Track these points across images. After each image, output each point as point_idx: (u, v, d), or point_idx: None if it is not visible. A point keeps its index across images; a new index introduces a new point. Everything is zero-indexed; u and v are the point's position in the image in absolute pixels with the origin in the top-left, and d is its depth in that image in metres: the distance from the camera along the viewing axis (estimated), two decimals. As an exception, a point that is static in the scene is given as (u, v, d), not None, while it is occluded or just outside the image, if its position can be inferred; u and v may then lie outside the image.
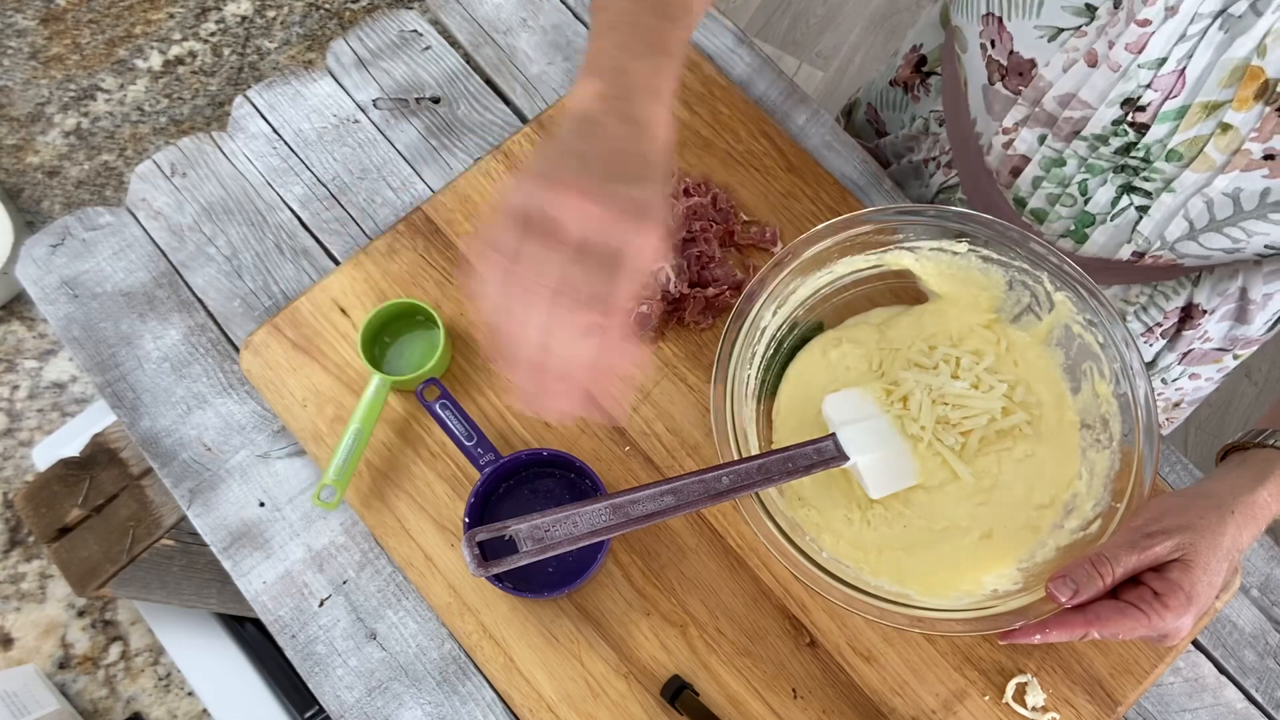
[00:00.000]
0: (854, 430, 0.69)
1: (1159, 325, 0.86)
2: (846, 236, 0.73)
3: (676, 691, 0.75)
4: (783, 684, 0.77)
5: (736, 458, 0.69)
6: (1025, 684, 0.76)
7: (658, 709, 0.76)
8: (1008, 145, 0.76)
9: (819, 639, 0.78)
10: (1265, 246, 0.70)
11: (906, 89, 0.96)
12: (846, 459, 0.67)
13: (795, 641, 0.78)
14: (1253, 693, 0.79)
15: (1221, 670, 0.80)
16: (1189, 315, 0.85)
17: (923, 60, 0.93)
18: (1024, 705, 0.76)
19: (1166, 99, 0.64)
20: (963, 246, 0.74)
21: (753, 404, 0.74)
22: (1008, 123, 0.75)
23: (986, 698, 0.76)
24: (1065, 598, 0.61)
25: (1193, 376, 0.94)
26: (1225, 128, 0.63)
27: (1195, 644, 0.81)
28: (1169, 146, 0.66)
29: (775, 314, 0.74)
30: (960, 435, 0.74)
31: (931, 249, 0.75)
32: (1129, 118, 0.67)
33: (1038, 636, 0.62)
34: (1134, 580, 0.62)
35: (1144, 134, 0.67)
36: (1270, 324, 0.88)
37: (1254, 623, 0.81)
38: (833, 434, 0.68)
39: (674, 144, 0.56)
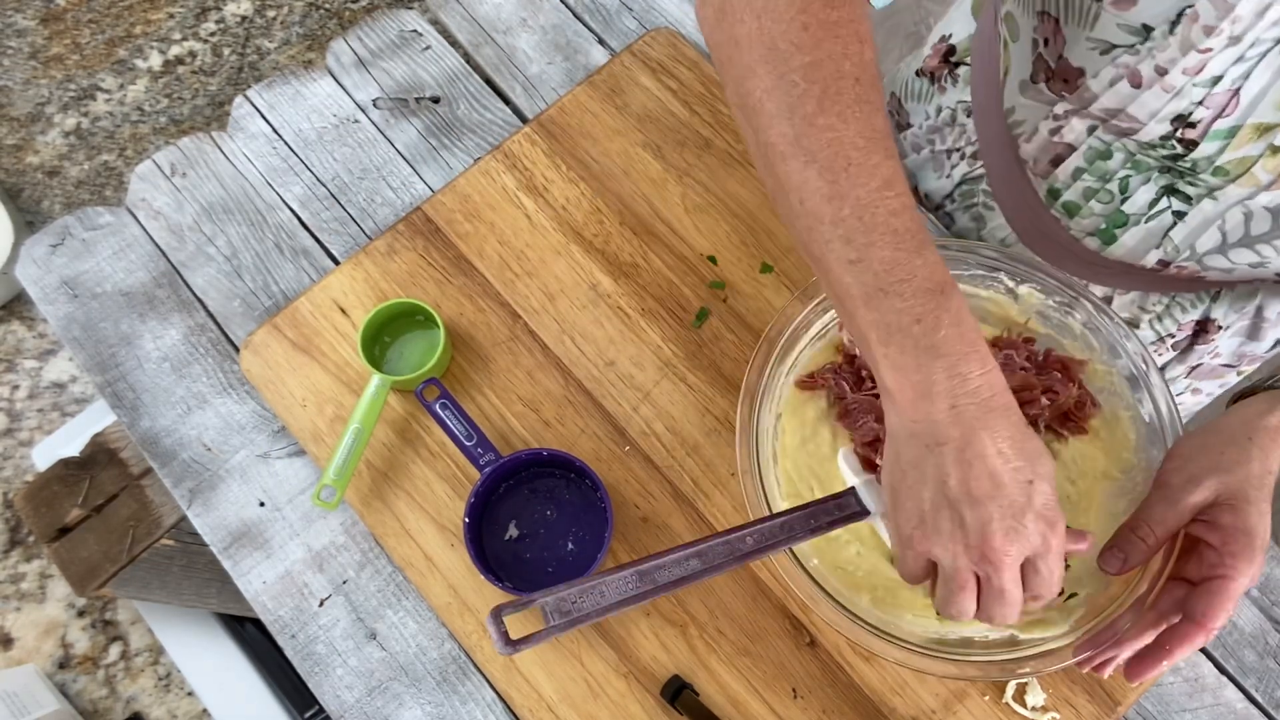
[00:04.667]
0: (874, 483, 0.69)
1: (1172, 336, 0.85)
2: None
3: (676, 691, 0.75)
4: (783, 684, 0.77)
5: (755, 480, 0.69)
6: (1025, 684, 0.76)
7: (658, 709, 0.76)
8: (1055, 132, 0.75)
9: (819, 639, 0.78)
10: None
11: (933, 79, 0.95)
12: (868, 513, 0.66)
13: (795, 641, 0.78)
14: (1253, 693, 0.79)
15: (1221, 670, 0.80)
16: (1204, 330, 0.84)
17: (951, 50, 0.92)
18: (1024, 705, 0.76)
19: (1218, 117, 0.63)
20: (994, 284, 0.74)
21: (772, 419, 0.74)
22: (1058, 110, 0.73)
23: (986, 698, 0.76)
24: (1115, 568, 0.61)
25: (1194, 391, 0.93)
26: (1275, 150, 0.63)
27: (1195, 644, 0.81)
28: (1216, 163, 0.66)
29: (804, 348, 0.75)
30: None
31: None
32: (1178, 133, 0.66)
33: (1164, 663, 0.61)
34: (1193, 556, 0.62)
35: (1192, 150, 0.66)
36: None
37: (1254, 623, 0.81)
38: (851, 487, 0.67)
39: (1000, 375, 0.55)
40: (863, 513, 0.66)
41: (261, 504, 0.83)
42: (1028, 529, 0.54)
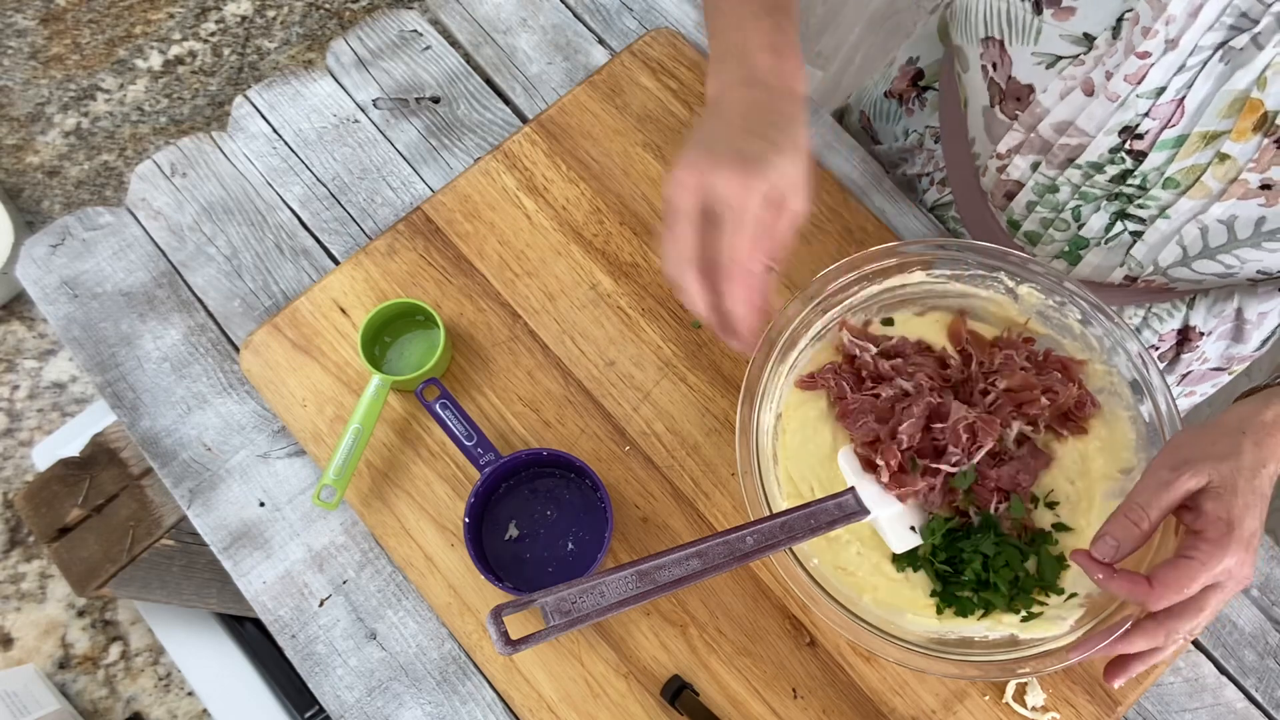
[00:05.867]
0: (874, 483, 0.69)
1: (1155, 349, 0.86)
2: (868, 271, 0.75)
3: (676, 691, 0.75)
4: (783, 684, 0.77)
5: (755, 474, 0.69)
6: (1025, 684, 0.76)
7: (658, 709, 0.76)
8: (1001, 170, 0.76)
9: (819, 639, 0.78)
10: (1258, 272, 0.70)
11: (901, 101, 0.95)
12: (868, 512, 0.66)
13: (795, 641, 0.78)
14: (1253, 693, 0.79)
15: (1221, 670, 0.80)
16: (1186, 338, 0.85)
17: (920, 74, 0.93)
18: (1024, 705, 0.76)
19: (1165, 128, 0.64)
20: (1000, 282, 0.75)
21: (771, 418, 0.74)
22: (1001, 148, 0.75)
23: (986, 697, 0.76)
24: (1108, 554, 0.60)
25: (1189, 394, 0.94)
26: (1223, 157, 0.63)
27: (1195, 644, 0.81)
28: (1166, 174, 0.66)
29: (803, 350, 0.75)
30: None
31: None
32: (1126, 145, 0.67)
33: (1099, 574, 0.59)
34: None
35: (1141, 161, 0.67)
36: (1266, 340, 0.88)
37: (1254, 623, 0.81)
38: (851, 487, 0.67)
39: (803, 83, 0.67)
40: (862, 512, 0.66)
41: (261, 504, 0.83)
42: (728, 173, 0.60)
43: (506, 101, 0.96)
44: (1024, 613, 0.69)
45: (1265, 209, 0.65)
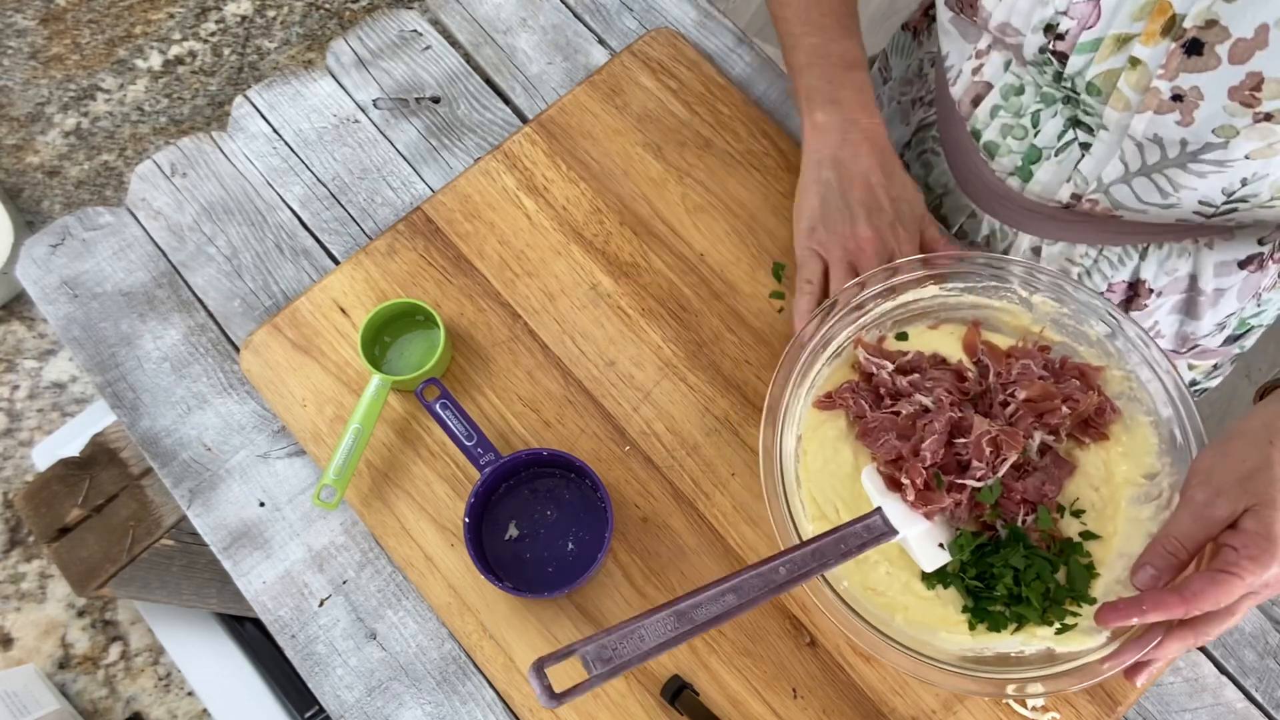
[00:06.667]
0: (900, 502, 0.69)
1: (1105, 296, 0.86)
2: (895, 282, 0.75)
3: (676, 691, 0.75)
4: (783, 684, 0.77)
5: (781, 497, 0.69)
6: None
7: (658, 709, 0.76)
8: (976, 71, 0.78)
9: (819, 639, 0.78)
10: (1200, 202, 0.69)
11: (915, 34, 0.98)
12: (896, 532, 0.66)
13: (795, 641, 0.78)
14: (1253, 693, 0.79)
15: (1221, 670, 0.80)
16: (1136, 293, 0.85)
17: (932, 4, 0.95)
18: (1024, 705, 0.76)
19: (1084, 29, 0.65)
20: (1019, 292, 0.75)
21: (794, 436, 0.74)
22: (981, 45, 0.77)
23: (986, 698, 0.76)
24: (1146, 582, 0.60)
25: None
26: (1135, 62, 0.64)
27: (1195, 644, 0.81)
28: (1087, 79, 0.68)
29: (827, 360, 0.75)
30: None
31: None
32: (1051, 45, 0.68)
33: (1135, 619, 0.60)
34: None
35: (1064, 64, 0.68)
36: (1223, 329, 0.87)
37: (1254, 623, 0.81)
38: (878, 508, 0.67)
39: (883, 128, 0.81)
40: (891, 533, 0.65)
41: (261, 504, 0.83)
42: (892, 229, 0.77)
43: (506, 101, 0.96)
44: (1057, 625, 0.68)
45: (1183, 129, 0.65)
